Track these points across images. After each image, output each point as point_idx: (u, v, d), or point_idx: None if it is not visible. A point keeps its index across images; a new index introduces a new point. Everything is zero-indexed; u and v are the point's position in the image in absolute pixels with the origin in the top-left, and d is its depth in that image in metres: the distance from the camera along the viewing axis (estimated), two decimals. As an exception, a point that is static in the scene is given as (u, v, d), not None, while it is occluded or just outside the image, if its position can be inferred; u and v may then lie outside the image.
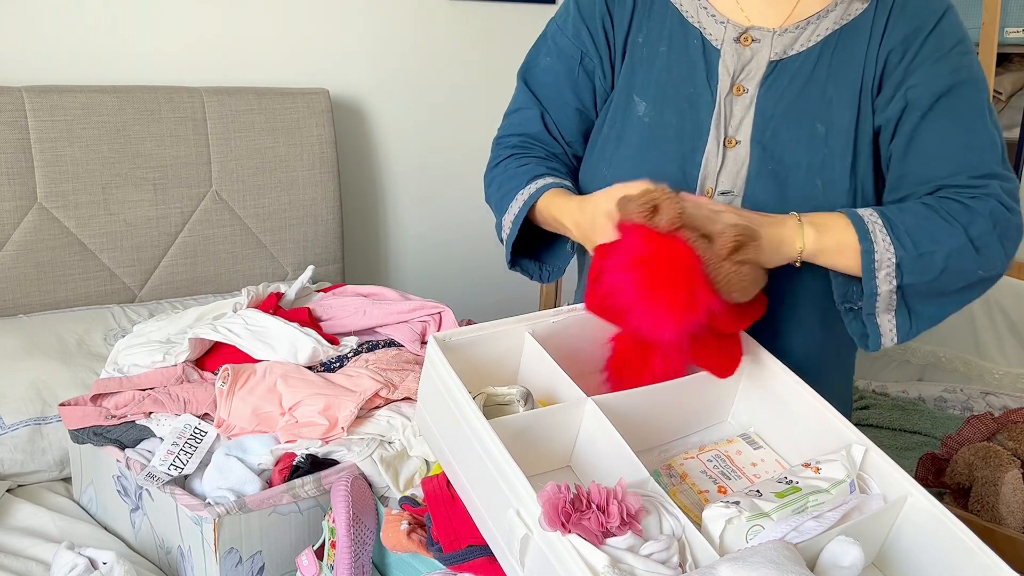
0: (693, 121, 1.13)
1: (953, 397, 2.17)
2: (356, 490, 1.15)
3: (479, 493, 0.90)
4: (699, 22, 1.15)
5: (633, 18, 1.18)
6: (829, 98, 1.10)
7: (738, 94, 1.12)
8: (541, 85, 1.22)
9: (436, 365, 0.94)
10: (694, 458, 0.99)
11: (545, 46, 1.23)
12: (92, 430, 1.34)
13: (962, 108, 1.07)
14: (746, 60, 1.12)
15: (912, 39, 1.08)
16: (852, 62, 1.10)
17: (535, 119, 1.21)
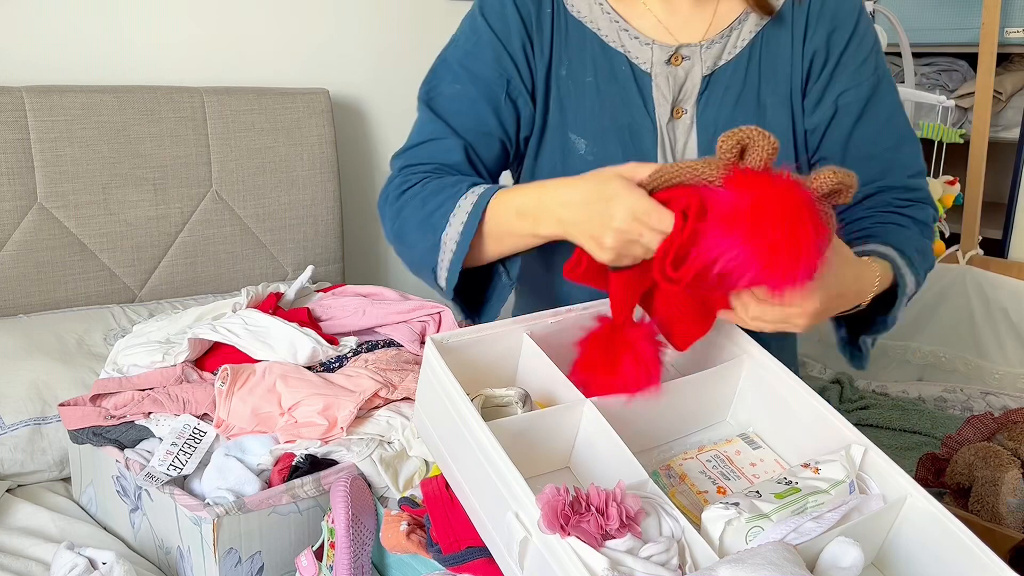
0: (637, 152, 1.10)
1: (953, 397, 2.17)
2: (355, 490, 1.15)
3: (477, 495, 0.90)
4: (622, 46, 1.11)
5: (553, 49, 1.12)
6: (764, 103, 1.10)
7: (678, 117, 1.11)
8: (456, 114, 1.11)
9: (434, 367, 0.94)
10: (693, 458, 0.99)
11: (450, 72, 1.12)
12: (91, 430, 1.34)
13: (886, 108, 1.12)
14: (680, 81, 1.10)
15: (834, 41, 1.09)
16: (780, 62, 1.10)
17: (455, 149, 1.09)
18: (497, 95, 1.10)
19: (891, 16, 2.37)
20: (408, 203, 1.07)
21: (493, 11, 1.11)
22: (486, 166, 1.12)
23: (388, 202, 1.10)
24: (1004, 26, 2.27)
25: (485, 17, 1.11)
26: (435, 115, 1.11)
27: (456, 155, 1.09)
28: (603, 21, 1.11)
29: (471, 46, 1.12)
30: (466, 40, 1.13)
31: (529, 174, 1.17)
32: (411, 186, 1.08)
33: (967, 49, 2.45)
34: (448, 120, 1.10)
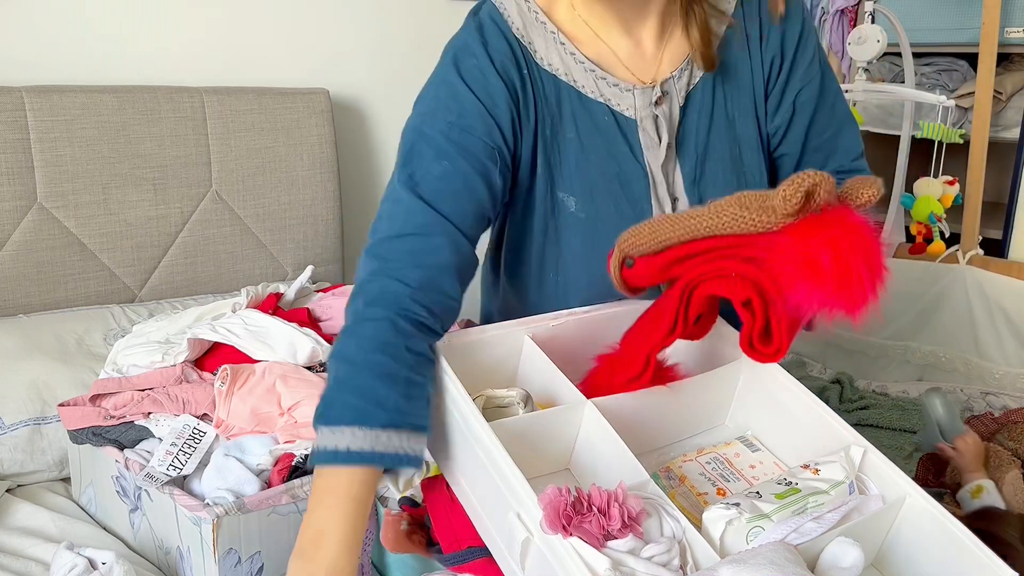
0: (629, 201, 1.09)
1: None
2: (356, 491, 1.14)
3: (479, 496, 0.90)
4: (601, 95, 1.08)
5: (537, 111, 1.06)
6: (732, 117, 1.11)
7: (668, 156, 1.10)
8: (447, 197, 0.99)
9: (436, 367, 0.94)
10: (692, 460, 0.99)
11: (433, 148, 1.01)
12: (91, 430, 1.34)
13: (830, 96, 1.15)
14: (667, 118, 1.09)
15: (787, 42, 1.11)
16: (741, 72, 1.11)
17: (440, 249, 0.98)
18: (490, 170, 1.03)
19: (891, 16, 2.37)
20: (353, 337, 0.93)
21: (476, 81, 1.03)
22: (474, 243, 1.04)
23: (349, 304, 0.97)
24: (1004, 26, 2.26)
25: (468, 86, 1.03)
26: (422, 201, 0.99)
27: (442, 255, 0.98)
28: (578, 72, 1.08)
29: (455, 118, 1.02)
30: (448, 111, 1.03)
31: (519, 233, 1.13)
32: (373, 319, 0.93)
33: (967, 49, 2.45)
34: (438, 207, 0.99)
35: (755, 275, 0.82)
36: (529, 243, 1.12)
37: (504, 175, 1.05)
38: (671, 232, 0.86)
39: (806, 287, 0.76)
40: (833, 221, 0.78)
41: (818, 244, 0.76)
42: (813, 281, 0.76)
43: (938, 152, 2.23)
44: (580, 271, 1.10)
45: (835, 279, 0.75)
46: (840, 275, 0.75)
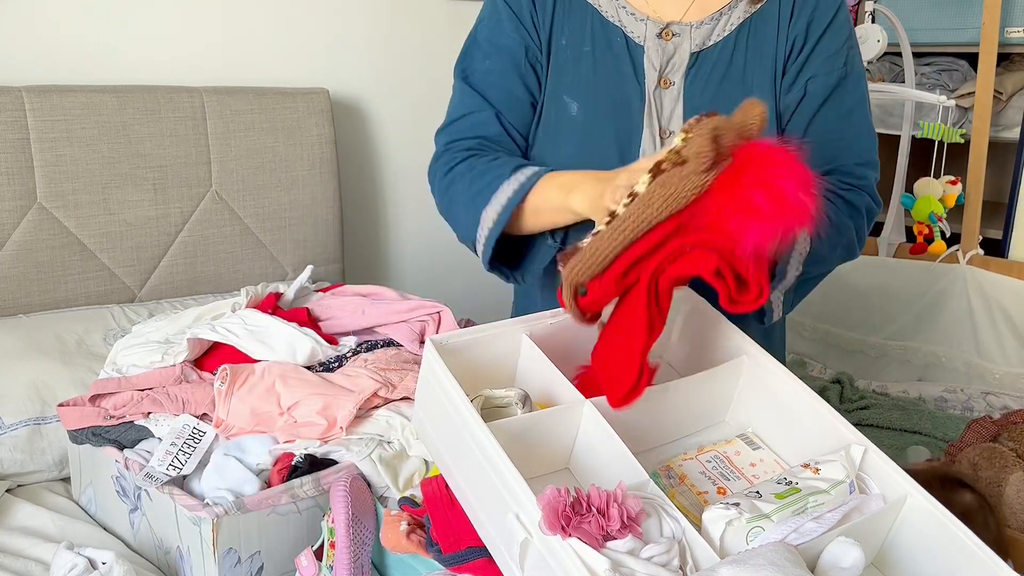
0: (626, 117, 1.18)
1: (953, 397, 2.17)
2: (355, 490, 1.15)
3: (478, 496, 0.90)
4: (619, 21, 1.19)
5: (554, 20, 1.21)
6: (749, 83, 1.18)
7: (665, 87, 1.18)
8: (490, 86, 1.22)
9: (433, 368, 0.94)
10: (693, 459, 0.99)
11: (480, 50, 1.24)
12: (91, 430, 1.34)
13: (849, 101, 1.19)
14: (669, 54, 1.18)
15: (813, 28, 1.17)
16: (765, 47, 1.18)
17: (491, 121, 1.21)
18: (520, 63, 1.21)
19: (891, 16, 2.37)
20: (455, 181, 1.18)
21: None
22: (519, 130, 1.22)
23: (437, 178, 1.22)
24: (1004, 26, 2.27)
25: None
26: (472, 89, 1.22)
27: (493, 127, 1.20)
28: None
29: (494, 23, 1.23)
30: (489, 17, 1.24)
31: (532, 132, 1.24)
32: (457, 163, 1.19)
33: (967, 49, 2.45)
34: (483, 93, 1.21)
35: (710, 240, 0.83)
36: (533, 144, 1.24)
37: (533, 64, 1.22)
38: (611, 243, 0.86)
39: (756, 229, 0.79)
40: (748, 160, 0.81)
41: (747, 187, 0.79)
42: (760, 222, 0.79)
43: (938, 152, 2.23)
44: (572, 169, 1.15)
45: (777, 210, 0.79)
46: (779, 204, 0.78)
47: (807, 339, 2.57)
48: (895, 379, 2.35)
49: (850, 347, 2.49)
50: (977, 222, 2.29)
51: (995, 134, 2.37)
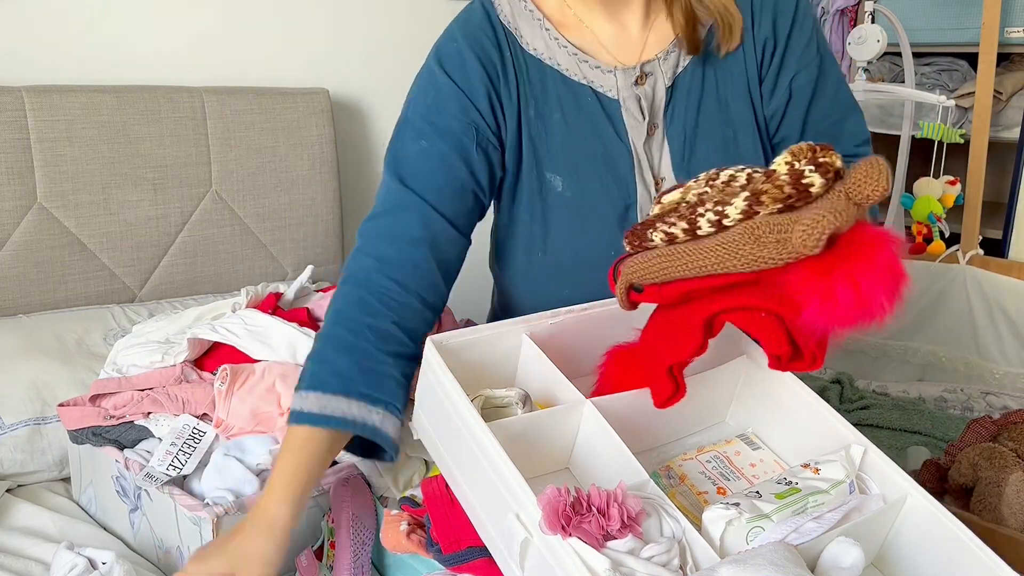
0: (615, 180, 1.12)
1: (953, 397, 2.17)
2: (355, 490, 1.15)
3: (478, 496, 0.90)
4: (584, 77, 1.12)
5: (519, 92, 1.12)
6: (725, 100, 1.13)
7: (651, 134, 1.12)
8: (423, 174, 1.08)
9: (433, 368, 0.94)
10: (693, 459, 0.99)
11: (413, 130, 1.11)
12: (91, 430, 1.34)
13: (832, 84, 1.16)
14: (650, 99, 1.11)
15: (780, 27, 1.12)
16: (734, 58, 1.13)
17: (413, 224, 1.07)
18: (467, 146, 1.09)
19: (891, 16, 2.37)
20: (329, 316, 1.05)
21: (453, 64, 1.11)
22: (454, 221, 1.09)
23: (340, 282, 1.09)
24: (1004, 26, 2.27)
25: (445, 71, 1.11)
26: (399, 182, 1.09)
27: (414, 230, 1.07)
28: (561, 56, 1.12)
29: (432, 100, 1.11)
30: (425, 95, 1.12)
31: (507, 216, 1.17)
32: (344, 305, 1.04)
33: (967, 49, 2.45)
34: (413, 185, 1.08)
35: (782, 312, 0.79)
36: (518, 225, 1.16)
37: (486, 149, 1.10)
38: (682, 267, 0.83)
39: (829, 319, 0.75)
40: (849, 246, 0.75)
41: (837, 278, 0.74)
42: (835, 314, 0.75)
43: (938, 152, 2.23)
44: (568, 251, 1.13)
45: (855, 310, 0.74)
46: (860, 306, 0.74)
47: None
48: (895, 379, 2.35)
49: (850, 347, 2.49)
50: (977, 222, 2.29)
51: (995, 134, 2.37)
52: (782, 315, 0.79)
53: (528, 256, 1.16)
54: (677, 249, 0.83)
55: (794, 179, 0.77)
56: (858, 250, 0.74)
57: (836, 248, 0.75)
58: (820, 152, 0.79)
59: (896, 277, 0.74)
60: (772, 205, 0.78)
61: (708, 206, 0.82)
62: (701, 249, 0.81)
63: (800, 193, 0.77)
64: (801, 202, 0.78)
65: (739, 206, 0.79)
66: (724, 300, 0.82)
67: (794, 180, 0.77)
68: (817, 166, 0.77)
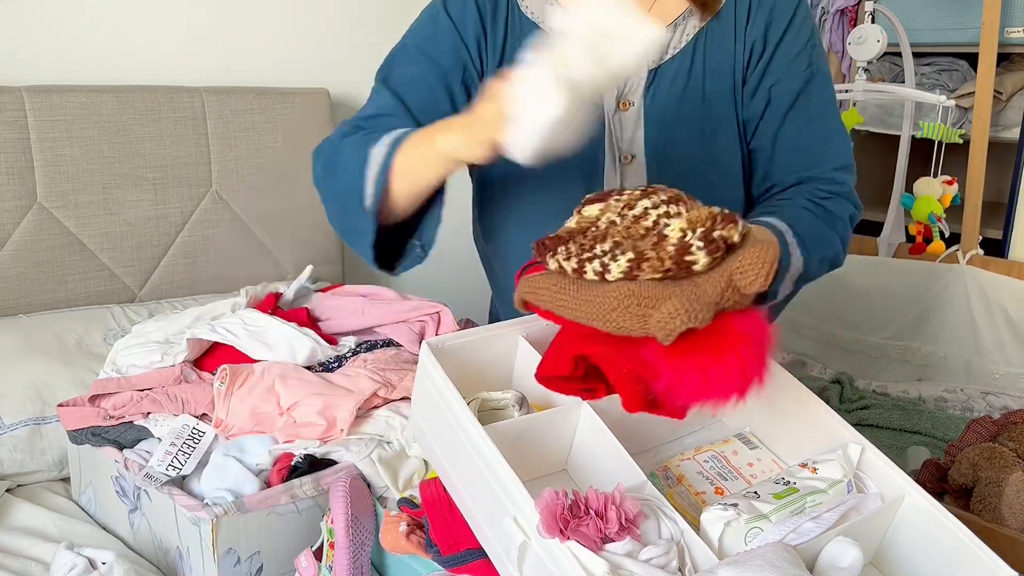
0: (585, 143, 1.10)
1: (953, 397, 2.17)
2: (355, 491, 1.15)
3: (475, 499, 0.90)
4: None
5: (506, 45, 1.16)
6: (710, 95, 1.13)
7: (625, 109, 1.13)
8: (412, 94, 1.15)
9: (429, 370, 0.94)
10: (690, 459, 0.98)
11: (408, 56, 1.17)
12: (90, 431, 1.34)
13: (818, 103, 1.14)
14: None
15: (772, 30, 1.12)
16: (723, 55, 1.13)
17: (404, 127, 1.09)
18: (453, 81, 1.15)
19: (891, 16, 2.36)
20: (348, 141, 1.10)
21: (454, 4, 1.17)
22: None
23: (326, 142, 1.14)
24: (1004, 26, 2.26)
25: (446, 8, 1.17)
26: (391, 92, 1.15)
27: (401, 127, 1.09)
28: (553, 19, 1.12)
29: (430, 32, 1.17)
30: (424, 27, 1.18)
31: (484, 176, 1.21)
32: (344, 136, 1.11)
33: (967, 49, 2.45)
34: (404, 99, 1.14)
35: (638, 370, 0.82)
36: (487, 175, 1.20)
37: (469, 88, 1.16)
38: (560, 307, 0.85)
39: (678, 393, 0.78)
40: (709, 335, 0.78)
41: (688, 364, 0.77)
42: (683, 392, 0.78)
43: (938, 152, 2.23)
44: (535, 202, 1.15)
45: (701, 394, 0.77)
46: (706, 392, 0.77)
47: (807, 339, 2.57)
48: (895, 379, 2.35)
49: (850, 347, 2.49)
50: (977, 222, 2.29)
51: (995, 134, 2.36)
52: (641, 375, 0.81)
53: (499, 206, 1.19)
54: (563, 287, 0.85)
55: (679, 253, 0.79)
56: (715, 343, 0.77)
57: (698, 333, 0.77)
58: (719, 223, 0.80)
59: (745, 375, 0.76)
60: (652, 274, 0.80)
61: (598, 250, 0.83)
62: (580, 299, 0.83)
63: (680, 268, 0.80)
64: (682, 275, 0.80)
65: (622, 265, 0.81)
66: (594, 345, 0.85)
67: (679, 254, 0.79)
68: (707, 243, 0.79)
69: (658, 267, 0.79)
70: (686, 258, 0.79)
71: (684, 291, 0.78)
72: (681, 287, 0.79)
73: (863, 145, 2.83)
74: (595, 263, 0.82)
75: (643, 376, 0.81)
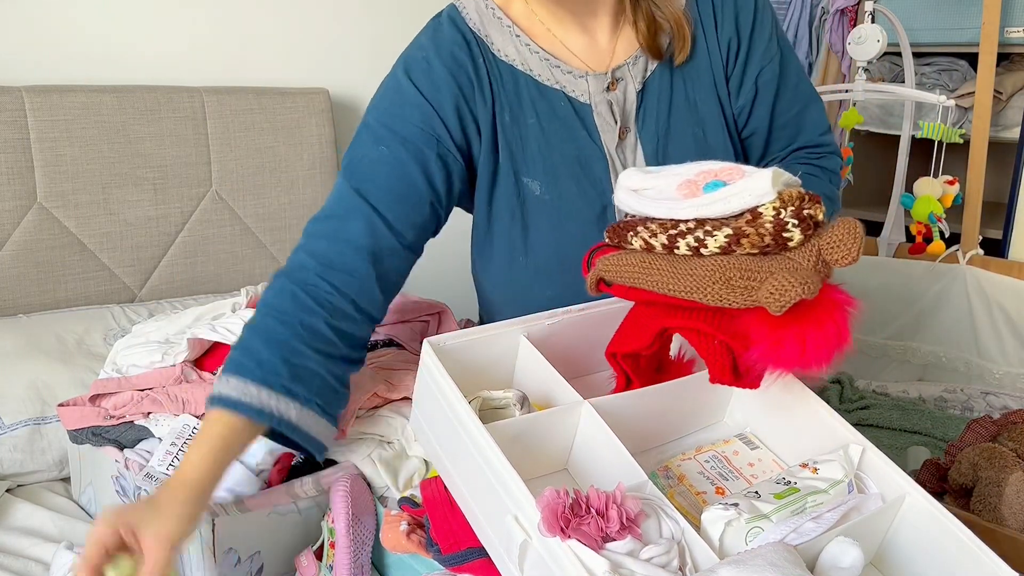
0: (591, 181, 1.14)
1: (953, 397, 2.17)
2: (355, 490, 1.15)
3: (476, 498, 0.90)
4: (557, 82, 1.13)
5: (494, 97, 1.12)
6: (693, 101, 1.15)
7: (623, 138, 1.14)
8: (378, 182, 1.06)
9: (431, 370, 0.94)
10: (691, 459, 0.98)
11: (373, 136, 1.09)
12: (91, 430, 1.34)
13: (793, 75, 1.20)
14: (620, 103, 1.14)
15: (742, 25, 1.15)
16: (699, 58, 1.15)
17: (358, 232, 1.04)
18: (427, 156, 1.08)
19: (891, 16, 2.36)
20: (255, 315, 1.03)
21: (419, 72, 1.11)
22: (403, 234, 1.07)
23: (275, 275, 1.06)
24: (1004, 26, 2.26)
25: (411, 79, 1.10)
26: (350, 187, 1.07)
27: (359, 238, 1.04)
28: (533, 61, 1.14)
29: (395, 108, 1.09)
30: (390, 102, 1.11)
31: (485, 219, 1.18)
32: (275, 296, 1.03)
33: (967, 49, 2.45)
34: (365, 192, 1.06)
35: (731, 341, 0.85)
36: (497, 229, 1.16)
37: (445, 160, 1.09)
38: (652, 282, 0.87)
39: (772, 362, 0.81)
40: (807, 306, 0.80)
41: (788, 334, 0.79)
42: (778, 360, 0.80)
43: (938, 152, 2.23)
44: (550, 253, 1.14)
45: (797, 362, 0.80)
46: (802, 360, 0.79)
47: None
48: (895, 379, 2.35)
49: (850, 347, 2.49)
50: (977, 222, 2.29)
51: (995, 134, 2.37)
52: (732, 347, 0.84)
53: (510, 260, 1.17)
54: (652, 262, 0.88)
55: (776, 230, 0.82)
56: (814, 312, 0.79)
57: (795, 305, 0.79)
58: (807, 202, 0.83)
59: (841, 342, 0.80)
60: (750, 249, 0.82)
61: (683, 228, 0.86)
62: (674, 272, 0.85)
63: (777, 244, 0.82)
64: (778, 251, 0.83)
65: (719, 240, 0.83)
66: (683, 318, 0.87)
67: (776, 231, 0.82)
68: (800, 220, 0.82)
69: (757, 242, 0.82)
70: (783, 234, 0.82)
71: (786, 265, 0.81)
72: (780, 262, 0.81)
73: (863, 145, 2.83)
74: (688, 238, 0.85)
75: (733, 347, 0.84)
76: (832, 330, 0.79)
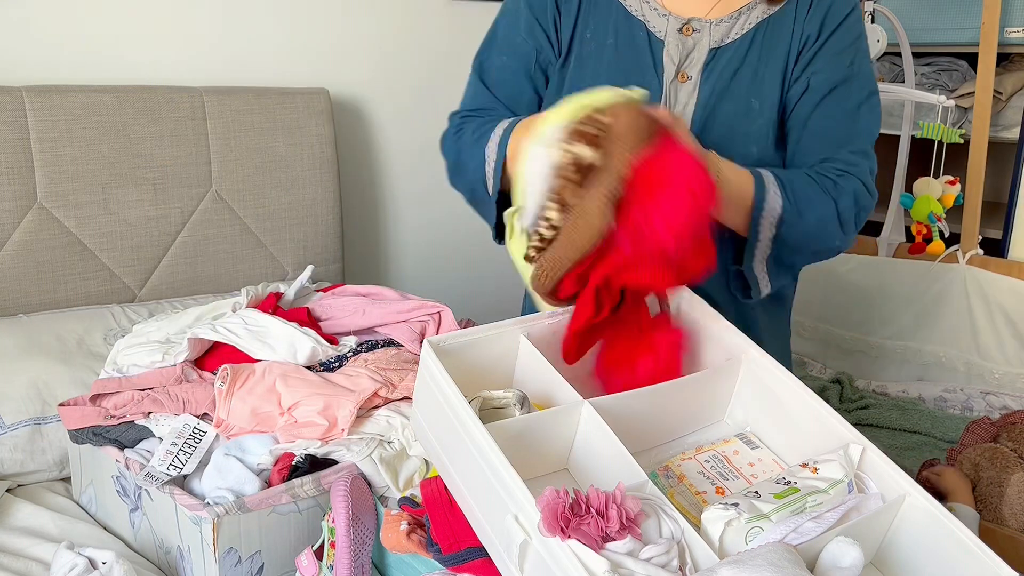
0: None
1: (953, 397, 2.17)
2: (355, 490, 1.15)
3: (476, 498, 0.90)
4: (643, 15, 1.23)
5: (579, 14, 1.25)
6: (761, 77, 1.21)
7: (682, 81, 1.22)
8: (500, 84, 1.27)
9: (431, 369, 0.94)
10: (691, 459, 0.99)
11: (496, 44, 1.29)
12: (91, 430, 1.34)
13: (853, 100, 1.20)
14: (689, 49, 1.21)
15: (826, 24, 1.20)
16: (779, 42, 1.21)
17: (500, 116, 1.22)
18: (531, 66, 1.26)
19: (891, 16, 2.37)
20: (465, 131, 1.24)
21: None
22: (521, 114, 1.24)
23: (447, 139, 1.28)
24: (1004, 26, 2.26)
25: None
26: (485, 87, 1.28)
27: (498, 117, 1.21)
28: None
29: (512, 18, 1.27)
30: (510, 13, 1.29)
31: None
32: (465, 123, 1.25)
33: (967, 49, 2.45)
34: (496, 92, 1.27)
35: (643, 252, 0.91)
36: None
37: (545, 69, 1.27)
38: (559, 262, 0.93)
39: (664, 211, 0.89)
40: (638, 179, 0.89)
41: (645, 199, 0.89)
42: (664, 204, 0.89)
43: (938, 152, 2.23)
44: None
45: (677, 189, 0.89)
46: (677, 185, 0.89)
47: (807, 339, 2.57)
48: (895, 379, 2.35)
49: (850, 347, 2.49)
50: (977, 222, 2.29)
51: (995, 134, 2.37)
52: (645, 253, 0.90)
53: None
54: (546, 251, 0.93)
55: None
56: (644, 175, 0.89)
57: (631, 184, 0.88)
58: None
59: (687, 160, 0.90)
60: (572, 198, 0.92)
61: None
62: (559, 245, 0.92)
63: (580, 171, 0.91)
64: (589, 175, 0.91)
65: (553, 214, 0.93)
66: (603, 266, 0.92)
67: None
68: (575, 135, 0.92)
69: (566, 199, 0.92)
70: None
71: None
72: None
73: (863, 145, 2.82)
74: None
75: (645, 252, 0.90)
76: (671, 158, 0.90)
